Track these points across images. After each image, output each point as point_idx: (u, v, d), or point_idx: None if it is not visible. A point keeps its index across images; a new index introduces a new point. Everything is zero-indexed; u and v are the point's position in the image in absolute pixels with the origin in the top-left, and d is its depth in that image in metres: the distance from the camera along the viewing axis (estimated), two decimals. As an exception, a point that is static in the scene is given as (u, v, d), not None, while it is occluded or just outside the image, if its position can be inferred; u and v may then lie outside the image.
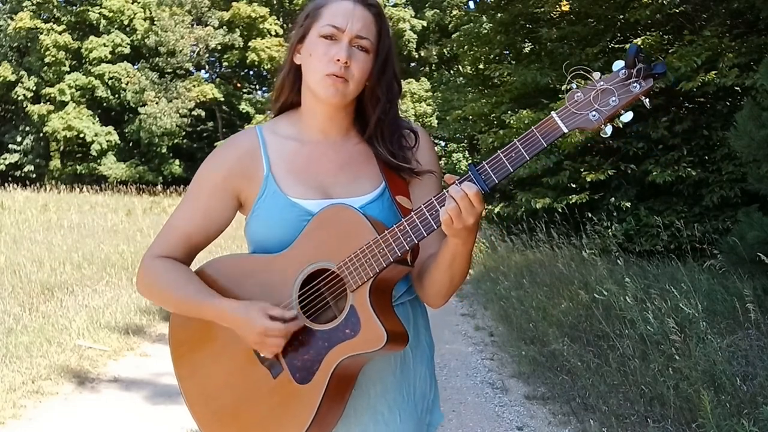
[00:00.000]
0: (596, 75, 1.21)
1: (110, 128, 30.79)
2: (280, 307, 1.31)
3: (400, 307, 1.42)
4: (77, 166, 31.02)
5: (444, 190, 1.25)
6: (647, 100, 1.20)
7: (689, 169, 7.89)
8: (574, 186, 8.92)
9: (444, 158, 25.44)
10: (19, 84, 30.71)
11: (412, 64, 33.54)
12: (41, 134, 30.59)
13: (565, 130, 1.21)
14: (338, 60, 1.32)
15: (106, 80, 30.68)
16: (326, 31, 1.34)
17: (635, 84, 1.19)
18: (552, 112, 1.22)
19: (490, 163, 1.23)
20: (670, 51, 8.25)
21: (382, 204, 1.39)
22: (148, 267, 1.44)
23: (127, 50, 31.49)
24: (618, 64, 1.21)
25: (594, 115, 1.20)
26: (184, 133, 30.82)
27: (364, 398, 1.40)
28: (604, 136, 1.22)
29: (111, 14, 31.34)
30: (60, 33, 30.31)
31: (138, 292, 1.49)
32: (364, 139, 1.44)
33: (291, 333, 1.30)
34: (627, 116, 1.21)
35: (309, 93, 1.42)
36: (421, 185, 1.44)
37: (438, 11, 31.43)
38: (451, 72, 30.07)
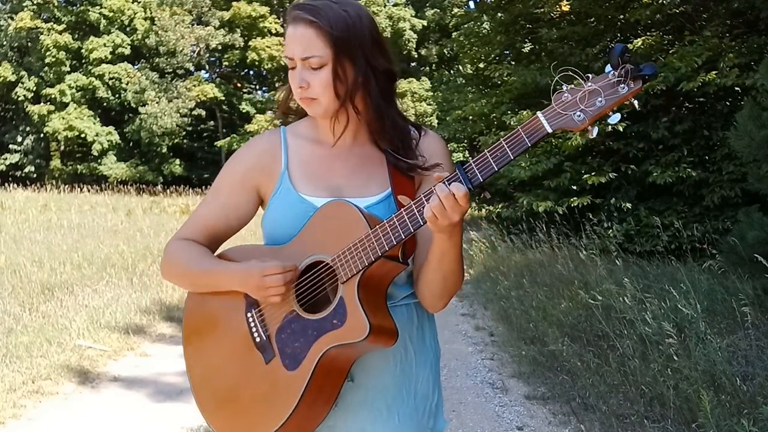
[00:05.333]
0: (590, 76, 1.20)
1: (111, 128, 30.80)
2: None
3: (404, 307, 1.45)
4: (78, 166, 31.05)
5: (433, 188, 1.27)
6: (636, 101, 1.20)
7: (689, 170, 7.89)
8: (574, 188, 8.92)
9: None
10: (20, 84, 30.72)
11: (412, 64, 33.53)
12: (41, 134, 30.59)
13: (549, 130, 1.20)
14: (299, 87, 1.39)
15: (107, 80, 30.70)
16: (287, 63, 1.42)
17: (623, 85, 1.17)
18: (538, 112, 1.22)
19: (477, 162, 1.24)
20: (670, 51, 8.26)
21: (388, 206, 1.42)
22: (170, 248, 1.53)
23: (127, 50, 31.51)
24: (609, 66, 1.20)
25: (579, 116, 1.19)
26: (184, 132, 30.85)
27: (361, 393, 1.41)
28: (590, 137, 1.21)
29: (111, 14, 31.35)
30: (60, 33, 30.31)
31: (162, 276, 1.59)
32: (370, 141, 1.48)
33: (288, 273, 1.34)
34: (614, 118, 1.20)
35: None
36: (429, 181, 1.45)
37: (438, 11, 31.44)
38: (451, 72, 30.10)
